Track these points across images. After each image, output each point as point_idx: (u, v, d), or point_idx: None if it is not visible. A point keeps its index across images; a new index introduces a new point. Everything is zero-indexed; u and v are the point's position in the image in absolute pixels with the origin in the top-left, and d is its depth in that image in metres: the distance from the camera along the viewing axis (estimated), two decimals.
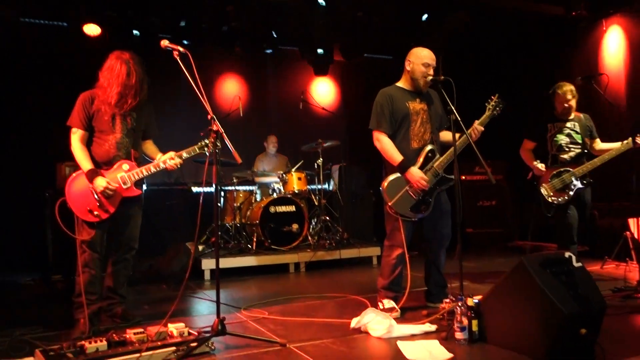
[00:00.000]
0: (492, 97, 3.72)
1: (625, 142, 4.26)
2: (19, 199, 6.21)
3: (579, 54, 6.85)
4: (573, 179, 4.39)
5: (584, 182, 4.44)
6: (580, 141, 4.53)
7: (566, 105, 4.48)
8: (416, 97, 3.71)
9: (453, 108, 3.35)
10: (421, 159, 3.61)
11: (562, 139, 4.54)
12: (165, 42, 3.21)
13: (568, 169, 4.43)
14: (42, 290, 4.93)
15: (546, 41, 7.30)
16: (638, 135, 4.16)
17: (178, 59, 3.15)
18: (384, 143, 3.63)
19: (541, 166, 4.51)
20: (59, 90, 6.63)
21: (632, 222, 5.38)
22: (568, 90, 4.47)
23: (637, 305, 3.63)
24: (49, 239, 5.00)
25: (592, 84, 4.12)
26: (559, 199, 4.42)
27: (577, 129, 4.55)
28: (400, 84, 3.79)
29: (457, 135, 3.43)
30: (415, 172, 3.53)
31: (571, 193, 4.40)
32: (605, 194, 6.43)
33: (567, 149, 4.53)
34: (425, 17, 6.98)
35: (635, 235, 5.12)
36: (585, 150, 4.53)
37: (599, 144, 4.59)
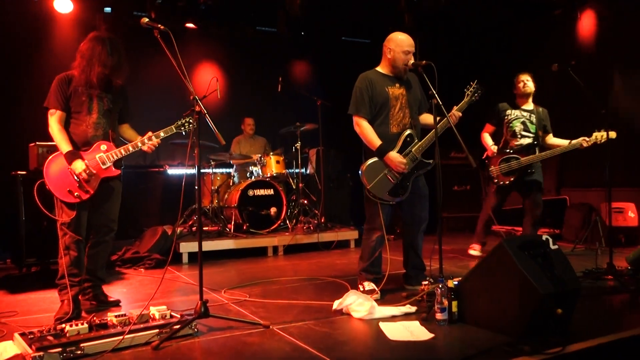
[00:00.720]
0: (471, 83, 3.77)
1: (573, 141, 4.64)
2: None
3: (554, 41, 6.96)
4: (517, 166, 4.79)
5: (529, 170, 4.79)
6: (533, 131, 4.88)
7: (524, 91, 4.89)
8: (395, 81, 3.73)
9: (435, 92, 3.38)
10: (400, 144, 3.65)
11: (517, 126, 4.90)
12: (145, 20, 3.14)
13: (517, 156, 4.80)
14: (14, 274, 4.82)
15: (523, 26, 7.40)
16: (597, 130, 4.49)
17: (159, 37, 3.08)
18: (364, 127, 3.64)
19: (494, 148, 4.97)
20: (29, 70, 6.45)
21: (602, 207, 5.57)
22: (526, 78, 4.90)
23: (607, 286, 3.76)
24: (21, 221, 4.87)
25: (568, 70, 4.19)
26: (502, 182, 4.90)
27: (533, 119, 4.90)
28: (379, 68, 3.80)
29: (438, 119, 3.46)
30: (394, 156, 3.56)
31: (512, 179, 4.84)
32: (577, 181, 6.63)
33: (519, 136, 4.89)
34: None
35: (606, 220, 5.30)
36: (536, 142, 4.86)
37: (551, 139, 4.95)
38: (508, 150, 4.91)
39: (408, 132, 3.66)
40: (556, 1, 6.88)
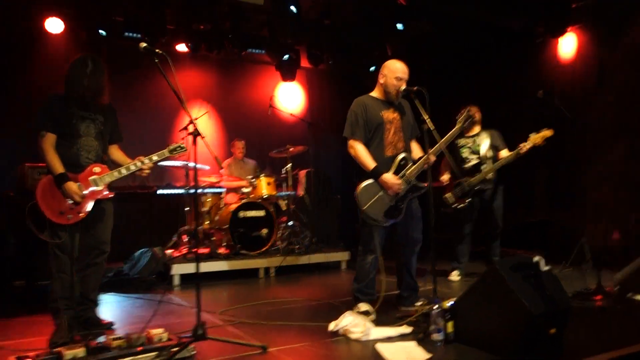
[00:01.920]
0: (462, 111, 3.89)
1: (512, 151, 4.86)
2: None
3: (536, 68, 7.16)
4: (469, 187, 5.04)
5: (477, 189, 5.08)
6: (479, 153, 5.16)
7: (471, 121, 5.14)
8: (389, 106, 3.82)
9: (426, 118, 3.47)
10: (394, 167, 3.72)
11: (464, 152, 5.21)
12: (143, 45, 3.19)
13: (467, 178, 5.07)
14: (1, 296, 4.74)
15: (506, 54, 7.60)
16: (536, 132, 4.74)
17: (157, 62, 3.13)
18: (358, 150, 3.71)
19: (444, 178, 5.25)
20: (19, 90, 6.44)
21: (588, 228, 5.68)
22: (475, 110, 5.19)
23: (596, 307, 3.84)
24: (10, 242, 4.82)
25: (552, 97, 4.34)
26: (460, 205, 5.13)
27: (477, 142, 5.19)
28: (373, 93, 3.90)
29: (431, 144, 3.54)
30: (388, 177, 3.62)
31: (468, 200, 5.08)
32: (562, 202, 6.76)
33: (467, 160, 5.18)
34: (400, 26, 7.15)
35: (592, 241, 5.42)
36: (484, 162, 5.10)
37: (502, 153, 5.16)
38: (459, 175, 5.19)
39: (402, 155, 3.74)
40: (537, 29, 7.10)
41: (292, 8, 6.63)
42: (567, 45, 6.76)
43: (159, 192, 7.20)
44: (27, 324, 3.73)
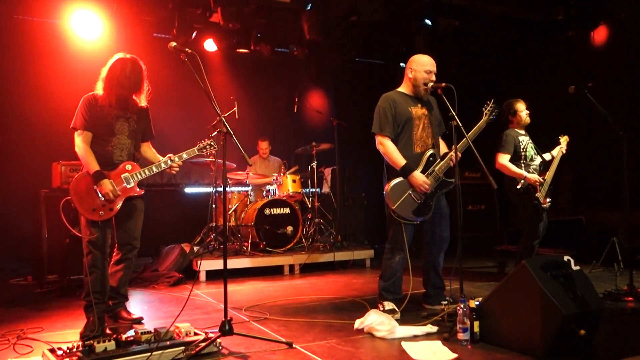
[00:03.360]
0: (488, 103, 3.84)
1: (560, 152, 4.74)
2: (12, 198, 6.16)
3: (568, 62, 7.01)
4: (547, 185, 4.68)
5: (551, 187, 4.73)
6: (537, 152, 4.88)
7: (525, 122, 4.83)
8: (417, 102, 3.79)
9: (455, 114, 3.43)
10: (423, 163, 3.69)
11: (531, 150, 4.80)
12: (172, 44, 3.23)
13: (545, 178, 4.67)
14: (35, 290, 4.88)
15: (535, 48, 7.46)
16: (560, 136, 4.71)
17: (186, 60, 3.16)
18: (387, 147, 3.69)
19: (534, 177, 4.61)
20: (52, 90, 6.61)
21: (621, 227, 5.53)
22: (526, 108, 4.85)
23: (628, 308, 3.75)
24: (44, 238, 4.96)
25: (585, 92, 4.24)
26: (544, 206, 4.63)
27: (531, 141, 4.88)
28: (401, 89, 3.86)
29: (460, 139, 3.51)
30: (418, 176, 3.60)
31: (549, 200, 4.64)
32: (593, 201, 6.60)
33: (535, 159, 4.80)
34: (428, 22, 7.09)
35: (624, 241, 5.27)
36: (542, 160, 4.87)
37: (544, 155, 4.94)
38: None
39: (430, 151, 3.71)
40: (569, 22, 6.95)
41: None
42: (600, 38, 6.60)
43: (187, 190, 7.32)
44: (59, 317, 3.83)
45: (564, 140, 4.79)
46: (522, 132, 4.90)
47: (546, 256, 3.32)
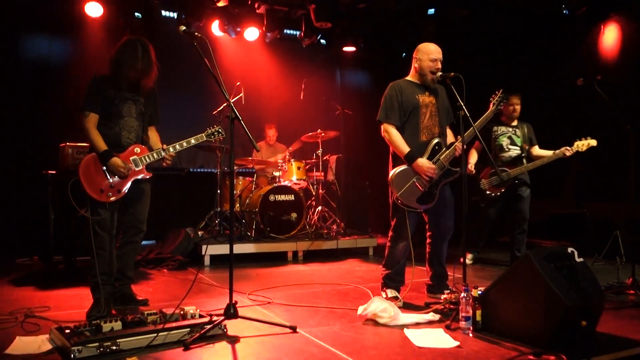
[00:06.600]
0: (497, 92, 3.85)
1: (556, 151, 4.91)
2: (19, 179, 6.20)
3: (576, 54, 6.96)
4: (507, 178, 5.03)
5: (516, 181, 5.08)
6: (519, 144, 5.19)
7: (513, 116, 5.22)
8: (425, 90, 3.79)
9: (462, 104, 3.43)
10: (428, 152, 3.70)
11: (504, 140, 5.18)
12: (182, 27, 3.23)
13: (505, 169, 5.06)
14: (41, 270, 4.94)
15: (544, 40, 7.40)
16: (579, 139, 4.81)
17: (195, 44, 3.16)
18: (392, 135, 3.69)
19: (471, 166, 5.19)
20: (59, 71, 6.62)
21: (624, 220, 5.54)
22: (517, 102, 5.19)
23: (629, 301, 3.77)
24: (50, 219, 4.99)
25: (593, 85, 4.22)
26: (494, 193, 5.14)
27: (518, 133, 5.22)
28: (409, 78, 3.86)
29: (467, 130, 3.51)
30: (422, 162, 3.61)
31: (503, 190, 5.09)
32: (597, 194, 6.60)
33: (507, 149, 5.17)
34: (431, 11, 7.07)
35: (627, 234, 5.29)
36: (523, 154, 5.17)
37: (537, 150, 5.23)
38: (498, 163, 5.17)
39: (436, 140, 3.71)
40: (579, 15, 6.88)
41: None
42: (610, 31, 6.55)
43: (192, 173, 7.34)
44: (66, 298, 3.88)
45: (582, 144, 4.79)
46: (514, 123, 5.25)
47: (550, 247, 3.34)
